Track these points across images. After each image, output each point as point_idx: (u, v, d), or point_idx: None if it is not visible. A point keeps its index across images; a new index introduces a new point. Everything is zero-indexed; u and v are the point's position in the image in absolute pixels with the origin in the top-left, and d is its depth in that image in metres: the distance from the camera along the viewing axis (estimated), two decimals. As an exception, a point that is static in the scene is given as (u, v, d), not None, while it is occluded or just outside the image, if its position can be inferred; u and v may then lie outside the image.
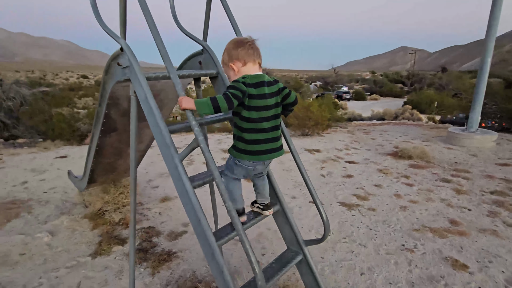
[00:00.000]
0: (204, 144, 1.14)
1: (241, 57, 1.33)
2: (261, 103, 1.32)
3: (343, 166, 5.63)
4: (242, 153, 1.37)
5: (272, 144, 1.38)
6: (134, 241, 1.80)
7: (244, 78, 1.30)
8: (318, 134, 8.99)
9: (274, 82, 1.40)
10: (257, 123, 1.32)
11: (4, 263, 2.82)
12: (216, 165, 1.14)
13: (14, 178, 5.17)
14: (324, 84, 47.58)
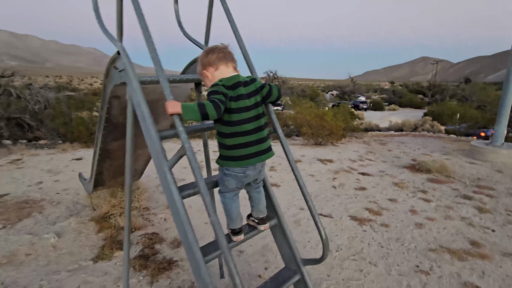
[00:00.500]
0: (191, 152, 1.07)
1: (212, 62, 1.30)
2: (240, 104, 1.26)
3: (356, 178, 5.42)
4: (228, 160, 1.29)
5: (258, 146, 1.30)
6: (129, 250, 1.74)
7: (220, 81, 1.26)
8: (332, 144, 8.78)
9: (251, 81, 1.34)
10: (238, 125, 1.26)
11: (10, 263, 2.86)
12: (202, 175, 1.07)
13: (31, 178, 5.34)
14: (341, 94, 47.00)
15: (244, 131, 1.26)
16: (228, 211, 1.38)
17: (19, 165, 6.26)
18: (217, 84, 1.24)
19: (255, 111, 1.31)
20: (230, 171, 1.31)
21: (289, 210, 3.97)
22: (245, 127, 1.26)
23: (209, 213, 1.02)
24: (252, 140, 1.28)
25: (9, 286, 2.47)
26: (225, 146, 1.29)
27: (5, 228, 3.53)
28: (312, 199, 4.30)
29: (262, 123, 1.33)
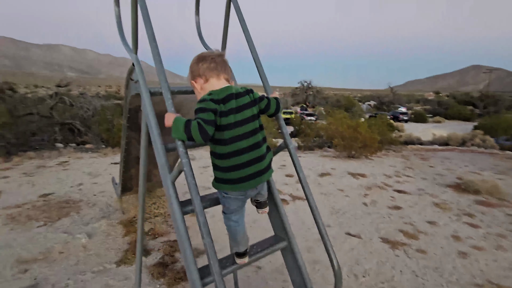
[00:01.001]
0: (188, 168, 1.03)
1: (202, 72, 1.17)
2: (232, 119, 1.13)
3: (391, 195, 5.01)
4: (224, 183, 1.17)
5: (256, 166, 1.16)
6: (141, 257, 1.74)
7: (210, 94, 1.13)
8: (366, 157, 8.31)
9: (245, 92, 1.20)
10: (232, 144, 1.13)
11: (45, 259, 3.06)
12: (198, 192, 1.01)
13: (73, 180, 5.78)
14: (379, 104, 44.87)
15: (239, 150, 1.13)
16: (232, 233, 1.28)
17: (65, 166, 6.83)
18: (204, 100, 1.11)
19: (251, 125, 1.17)
20: (229, 194, 1.20)
21: (314, 226, 3.76)
22: (239, 144, 1.13)
23: (202, 235, 0.96)
24: (248, 160, 1.15)
25: (40, 283, 2.62)
26: (219, 168, 1.17)
27: (46, 225, 3.81)
28: (340, 216, 4.06)
29: (259, 138, 1.19)
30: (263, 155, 1.20)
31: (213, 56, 1.19)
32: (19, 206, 4.37)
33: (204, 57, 1.19)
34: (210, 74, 1.17)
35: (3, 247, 3.21)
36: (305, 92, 50.85)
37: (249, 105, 1.19)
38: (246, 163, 1.15)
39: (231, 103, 1.14)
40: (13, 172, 6.18)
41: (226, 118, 1.12)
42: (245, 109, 1.17)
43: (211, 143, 1.17)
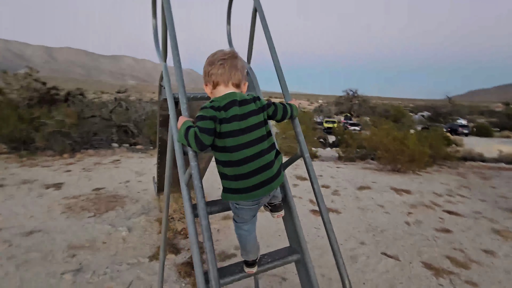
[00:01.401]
0: (196, 171, 1.05)
1: (209, 78, 1.14)
2: (235, 126, 1.09)
3: (440, 216, 4.51)
4: (232, 194, 1.13)
5: (264, 175, 1.12)
6: (165, 256, 1.82)
7: (212, 101, 1.12)
8: (414, 172, 7.63)
9: (251, 99, 1.16)
10: (236, 152, 1.09)
11: (90, 247, 3.38)
12: (203, 195, 1.02)
13: (122, 177, 6.33)
14: (434, 115, 41.02)
15: (244, 158, 1.09)
16: (242, 242, 1.25)
17: (117, 165, 7.53)
18: (205, 107, 1.09)
19: (257, 132, 1.13)
20: (241, 204, 1.18)
21: (347, 242, 3.55)
22: (244, 152, 1.09)
23: (204, 239, 0.97)
24: (255, 168, 1.11)
25: (83, 268, 2.90)
26: (226, 176, 1.13)
27: (95, 216, 4.22)
28: (377, 234, 3.78)
29: (265, 146, 1.15)
30: (270, 162, 1.16)
31: (222, 59, 1.14)
32: (75, 197, 4.92)
33: (213, 61, 1.15)
34: (218, 80, 1.14)
35: (59, 233, 3.63)
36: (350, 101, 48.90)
37: (255, 112, 1.15)
38: (253, 171, 1.11)
39: (233, 110, 1.11)
40: (75, 167, 7.00)
41: (229, 125, 1.10)
42: (251, 116, 1.14)
43: (214, 151, 1.15)
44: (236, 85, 1.16)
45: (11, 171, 6.40)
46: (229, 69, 1.13)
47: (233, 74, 1.14)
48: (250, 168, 1.11)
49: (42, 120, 8.44)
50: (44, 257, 3.05)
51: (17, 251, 3.12)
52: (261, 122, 1.17)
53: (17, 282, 2.62)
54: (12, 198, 4.79)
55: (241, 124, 1.11)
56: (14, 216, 4.07)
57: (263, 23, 1.39)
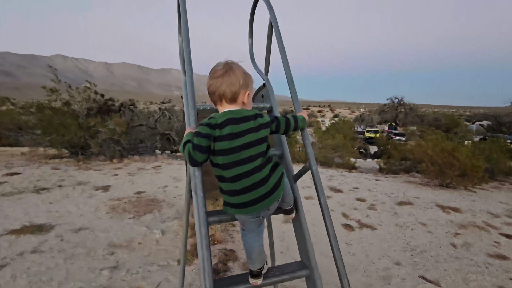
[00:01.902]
0: (199, 180, 1.09)
1: (210, 96, 1.15)
2: (227, 145, 1.10)
3: (494, 239, 3.97)
4: (230, 207, 1.16)
5: (258, 191, 1.12)
6: (185, 262, 1.90)
7: (210, 118, 1.12)
8: (466, 188, 6.86)
9: (251, 116, 1.14)
10: (229, 169, 1.11)
11: (128, 246, 3.64)
12: (204, 204, 1.05)
13: (161, 182, 6.74)
14: (496, 124, 36.54)
15: (237, 175, 1.11)
16: (248, 250, 1.26)
17: (158, 170, 8.04)
18: (202, 124, 1.11)
19: (253, 150, 1.12)
20: (241, 218, 1.20)
21: (380, 261, 3.31)
22: (235, 170, 1.11)
23: (201, 246, 0.99)
24: (249, 185, 1.11)
25: (119, 266, 3.13)
26: (222, 190, 1.17)
27: (134, 218, 4.55)
28: (416, 254, 3.47)
29: (258, 163, 1.13)
30: (265, 177, 1.14)
31: (215, 77, 1.14)
32: (119, 199, 5.36)
33: (211, 76, 1.16)
34: (214, 100, 1.17)
35: (102, 231, 3.98)
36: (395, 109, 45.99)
37: (253, 130, 1.13)
38: (247, 188, 1.11)
39: (228, 129, 1.10)
40: (121, 171, 7.65)
41: (222, 143, 1.10)
42: (247, 134, 1.12)
43: (212, 166, 1.17)
44: (231, 100, 1.15)
45: (69, 173, 7.23)
46: (220, 86, 1.13)
47: (226, 91, 1.13)
48: (243, 185, 1.11)
49: (97, 128, 9.42)
50: (88, 253, 3.37)
51: (66, 246, 3.49)
52: (259, 139, 1.15)
53: (63, 273, 2.93)
54: (68, 197, 5.39)
55: (233, 143, 1.10)
56: (67, 214, 4.57)
57: (278, 37, 1.41)
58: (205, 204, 1.09)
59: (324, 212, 1.20)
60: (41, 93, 10.50)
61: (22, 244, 3.48)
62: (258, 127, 1.15)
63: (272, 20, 1.46)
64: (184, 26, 1.28)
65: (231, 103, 1.16)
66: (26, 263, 3.04)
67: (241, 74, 1.15)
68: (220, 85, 1.13)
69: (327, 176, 7.88)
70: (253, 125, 1.14)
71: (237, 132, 1.11)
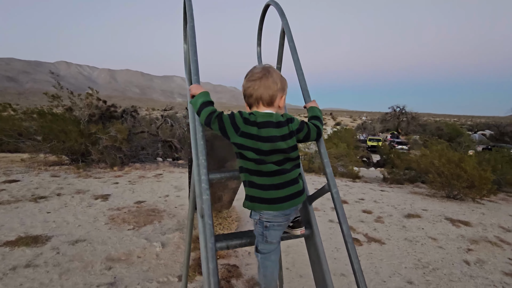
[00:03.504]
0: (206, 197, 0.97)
1: (245, 98, 1.18)
2: (267, 146, 1.11)
3: (509, 256, 3.80)
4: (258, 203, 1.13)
5: (291, 188, 1.13)
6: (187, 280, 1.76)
7: (250, 114, 1.15)
8: (474, 200, 6.68)
9: (285, 122, 1.17)
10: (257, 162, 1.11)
11: (126, 260, 3.50)
12: (212, 234, 0.93)
13: (162, 191, 6.60)
14: (497, 134, 36.37)
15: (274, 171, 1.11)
16: (268, 278, 1.17)
17: (159, 179, 7.91)
18: (240, 113, 1.14)
19: (287, 155, 1.15)
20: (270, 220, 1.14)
21: (391, 279, 3.14)
22: (273, 167, 1.12)
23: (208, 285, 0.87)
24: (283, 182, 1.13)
25: (117, 282, 2.98)
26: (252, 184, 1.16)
27: (134, 229, 4.41)
28: (428, 272, 3.30)
29: (292, 164, 1.17)
30: (295, 178, 1.17)
31: (252, 80, 1.17)
32: (119, 209, 5.22)
33: (246, 82, 1.19)
34: (250, 102, 1.18)
35: (100, 243, 3.84)
36: (397, 118, 45.94)
37: (287, 136, 1.16)
38: (282, 184, 1.13)
39: (266, 131, 1.12)
40: (121, 180, 7.52)
41: (257, 142, 1.11)
42: (285, 140, 1.14)
43: (242, 159, 1.15)
44: (268, 103, 1.17)
45: (69, 181, 7.10)
46: (258, 89, 1.15)
47: (264, 94, 1.15)
48: (278, 181, 1.13)
49: (98, 135, 9.34)
50: (84, 267, 3.22)
51: (62, 259, 3.35)
52: (292, 146, 1.18)
53: (58, 290, 2.78)
54: (66, 206, 5.26)
55: (267, 146, 1.12)
56: (65, 224, 4.43)
57: (291, 45, 1.32)
58: (213, 233, 0.96)
59: (347, 243, 1.08)
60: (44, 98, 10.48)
61: (15, 257, 3.33)
62: (290, 134, 1.17)
63: (284, 27, 1.37)
64: (191, 34, 1.19)
65: (268, 106, 1.17)
66: (19, 279, 2.90)
67: (279, 78, 1.16)
68: (258, 87, 1.14)
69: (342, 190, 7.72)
70: (286, 131, 1.17)
71: (271, 136, 1.13)
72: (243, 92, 1.20)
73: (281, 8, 1.42)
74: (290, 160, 1.17)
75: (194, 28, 1.19)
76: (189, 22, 1.22)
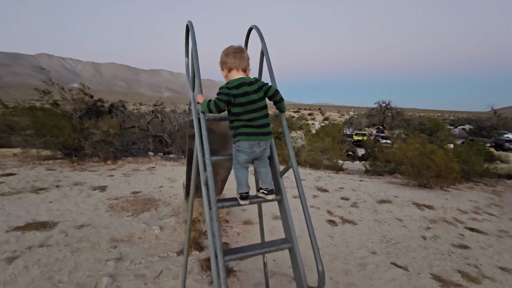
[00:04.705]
0: (210, 174, 1.44)
1: (226, 65, 1.68)
2: (243, 99, 1.61)
3: (460, 232, 4.46)
4: (239, 135, 1.65)
5: (262, 129, 1.66)
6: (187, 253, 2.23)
7: (227, 84, 1.65)
8: (442, 188, 7.41)
9: (254, 81, 1.67)
10: (242, 115, 1.62)
11: (129, 241, 3.93)
12: (213, 191, 1.41)
13: (156, 182, 7.00)
14: (477, 129, 38.14)
15: (250, 119, 1.62)
16: (239, 179, 1.71)
17: (152, 171, 8.28)
18: (222, 87, 1.64)
19: (261, 103, 1.65)
20: (241, 147, 1.66)
21: (358, 251, 3.72)
22: (251, 115, 1.62)
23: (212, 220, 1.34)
24: (257, 124, 1.64)
25: (123, 258, 3.43)
26: (237, 127, 1.66)
27: (133, 216, 4.82)
28: (390, 245, 3.91)
29: (264, 113, 1.67)
30: (267, 123, 1.68)
31: (234, 52, 1.67)
32: (117, 199, 5.60)
33: (228, 53, 1.68)
34: (232, 66, 1.67)
35: (104, 227, 4.25)
36: (382, 113, 47.25)
37: (257, 90, 1.65)
38: (257, 126, 1.64)
39: (244, 88, 1.62)
40: (116, 172, 7.85)
41: (239, 98, 1.60)
42: (256, 92, 1.64)
43: (230, 115, 1.67)
44: (243, 70, 1.68)
45: (65, 174, 7.39)
46: (239, 59, 1.66)
47: (242, 62, 1.67)
48: (256, 124, 1.64)
49: (91, 130, 9.57)
50: (92, 247, 3.64)
51: (71, 240, 3.75)
52: (261, 97, 1.67)
53: (72, 264, 3.20)
54: (66, 197, 5.60)
55: (250, 97, 1.62)
56: (68, 212, 4.80)
57: (268, 64, 1.79)
58: (214, 191, 1.44)
59: (301, 199, 1.58)
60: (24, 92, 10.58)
61: (28, 239, 3.71)
62: (258, 88, 1.67)
63: (263, 49, 1.84)
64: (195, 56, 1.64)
65: (243, 72, 1.68)
66: (36, 256, 3.30)
67: (247, 55, 1.73)
68: (239, 58, 1.66)
69: (315, 177, 8.31)
70: (256, 86, 1.67)
71: (248, 90, 1.63)
72: (222, 62, 1.68)
73: (261, 32, 1.88)
74: (264, 108, 1.66)
75: (197, 51, 1.64)
76: (192, 46, 1.67)
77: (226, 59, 1.68)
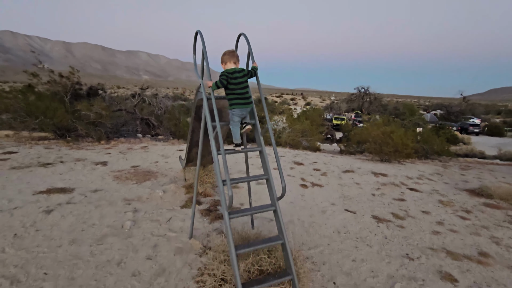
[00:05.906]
0: (219, 131, 2.37)
1: (223, 60, 2.63)
2: (235, 81, 2.56)
3: (402, 191, 5.70)
4: (234, 104, 2.60)
5: (247, 100, 2.63)
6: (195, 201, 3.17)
7: (226, 71, 2.58)
8: (399, 162, 8.74)
9: (242, 70, 2.61)
10: (234, 90, 2.57)
11: (139, 200, 4.81)
12: (222, 143, 2.34)
13: (152, 158, 7.79)
14: (446, 114, 40.93)
15: (237, 93, 2.58)
16: (233, 132, 2.68)
17: (146, 150, 9.02)
18: (223, 73, 2.56)
19: (245, 84, 2.62)
20: (233, 112, 2.61)
21: (322, 203, 4.83)
22: (238, 91, 2.58)
23: (218, 172, 2.28)
24: (244, 97, 2.60)
25: (138, 211, 4.32)
26: (232, 100, 2.59)
27: (137, 183, 5.67)
28: (346, 200, 5.08)
29: (248, 91, 2.64)
30: (250, 96, 2.67)
31: (229, 52, 2.63)
32: (119, 171, 6.40)
33: (225, 53, 2.62)
34: (228, 61, 2.59)
35: (114, 191, 5.09)
36: (361, 98, 49.18)
37: (244, 76, 2.60)
38: (243, 98, 2.60)
39: (235, 74, 2.56)
40: (112, 151, 8.54)
41: (232, 80, 2.54)
42: (243, 78, 2.59)
43: (226, 94, 2.61)
44: (235, 63, 2.62)
45: (64, 152, 8.00)
46: (232, 56, 2.62)
47: (234, 58, 2.62)
48: (244, 96, 2.60)
49: (84, 112, 10.06)
50: (110, 204, 4.50)
51: (91, 199, 4.59)
52: (246, 80, 2.62)
53: (98, 214, 4.07)
54: (73, 170, 6.32)
55: (238, 81, 2.57)
56: (80, 181, 5.57)
57: (252, 59, 2.69)
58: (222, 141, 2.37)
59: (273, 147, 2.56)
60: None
61: (55, 199, 4.51)
62: (244, 75, 2.62)
63: (250, 51, 2.74)
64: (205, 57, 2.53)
65: (234, 64, 2.62)
66: (67, 209, 4.13)
67: (237, 54, 2.70)
68: (232, 56, 2.62)
69: (293, 154, 9.40)
70: (244, 73, 2.61)
71: (239, 76, 2.57)
72: (222, 59, 2.59)
73: (248, 39, 2.76)
74: (247, 87, 2.57)
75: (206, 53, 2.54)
76: (203, 49, 2.56)
77: (224, 57, 2.63)
